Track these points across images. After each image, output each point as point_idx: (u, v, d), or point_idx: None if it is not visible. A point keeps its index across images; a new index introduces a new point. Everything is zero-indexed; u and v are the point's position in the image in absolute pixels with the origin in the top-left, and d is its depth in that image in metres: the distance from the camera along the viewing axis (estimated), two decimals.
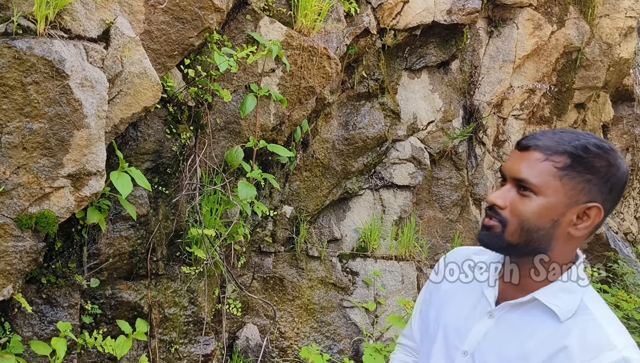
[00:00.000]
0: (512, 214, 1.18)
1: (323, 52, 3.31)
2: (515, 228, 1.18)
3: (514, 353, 1.19)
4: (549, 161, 1.15)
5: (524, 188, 1.17)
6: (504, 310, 1.25)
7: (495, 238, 1.21)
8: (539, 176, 1.15)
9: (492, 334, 1.24)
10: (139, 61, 2.44)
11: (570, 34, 4.78)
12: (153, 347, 2.87)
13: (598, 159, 1.14)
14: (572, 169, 1.14)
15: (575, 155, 1.14)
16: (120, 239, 2.70)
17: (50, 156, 2.17)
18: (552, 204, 1.15)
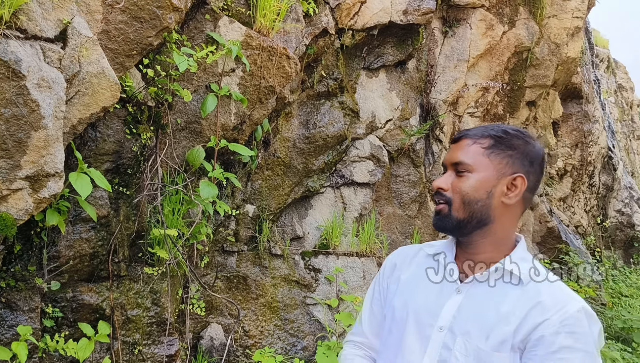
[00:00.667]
0: (454, 193, 1.40)
1: (282, 52, 3.34)
2: (459, 204, 1.39)
3: (493, 317, 1.34)
4: (476, 144, 1.40)
5: (461, 170, 1.40)
6: (470, 284, 1.41)
7: (446, 218, 1.41)
8: (471, 156, 1.40)
9: (467, 306, 1.38)
10: (97, 61, 2.42)
11: (521, 34, 4.94)
12: (116, 349, 2.84)
13: (516, 139, 1.40)
14: (495, 147, 1.39)
15: (497, 136, 1.40)
16: (81, 241, 2.67)
17: (7, 157, 2.14)
18: (485, 177, 1.39)
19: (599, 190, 8.13)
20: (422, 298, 1.46)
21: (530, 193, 1.43)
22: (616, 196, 8.65)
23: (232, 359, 3.71)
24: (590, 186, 7.87)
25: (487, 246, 1.43)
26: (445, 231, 1.45)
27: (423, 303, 1.45)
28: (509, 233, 1.43)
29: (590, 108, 7.36)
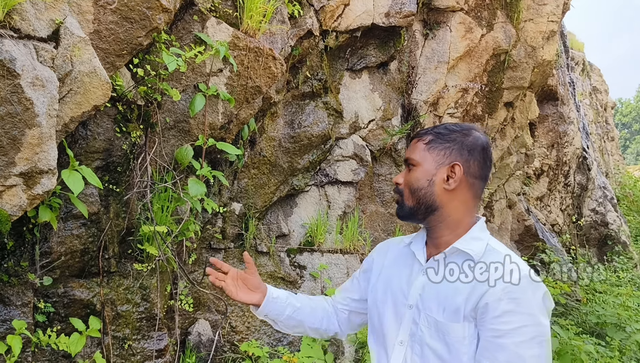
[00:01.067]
0: (404, 185, 1.64)
1: (268, 53, 3.42)
2: (408, 194, 1.63)
3: (449, 293, 1.52)
4: (420, 141, 1.64)
5: (410, 165, 1.64)
6: (433, 265, 1.61)
7: (401, 208, 1.66)
8: (416, 152, 1.63)
9: (428, 286, 1.58)
10: (89, 60, 2.47)
11: (499, 37, 5.08)
12: (107, 344, 2.89)
13: (453, 133, 1.61)
14: (434, 142, 1.62)
15: (436, 133, 1.63)
16: (72, 237, 2.72)
17: (1, 154, 2.18)
18: (425, 168, 1.60)
19: (574, 190, 8.33)
20: (397, 281, 1.67)
21: (476, 178, 1.61)
22: (590, 196, 8.87)
23: (219, 354, 3.77)
24: (565, 186, 8.07)
25: (443, 230, 1.62)
26: (403, 219, 1.68)
27: (398, 285, 1.66)
28: (462, 216, 1.60)
29: (566, 110, 7.56)
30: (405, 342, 1.60)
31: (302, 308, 1.87)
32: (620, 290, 6.93)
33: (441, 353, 1.52)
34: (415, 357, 1.57)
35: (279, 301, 1.83)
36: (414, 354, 1.57)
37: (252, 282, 1.81)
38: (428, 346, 1.54)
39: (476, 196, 1.63)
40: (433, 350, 1.53)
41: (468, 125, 1.66)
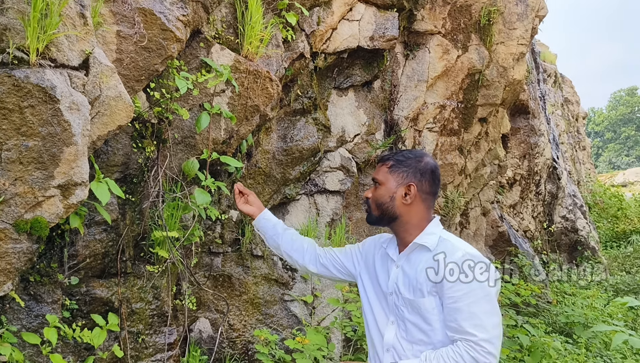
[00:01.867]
0: (372, 200, 2.15)
1: (266, 75, 3.78)
2: (374, 206, 2.14)
3: (413, 278, 2.04)
4: (384, 165, 2.15)
5: (376, 183, 2.15)
6: (402, 259, 2.13)
7: (369, 217, 2.20)
8: (380, 174, 2.14)
9: (401, 274, 2.10)
10: (115, 86, 2.82)
11: (473, 58, 5.51)
12: (123, 338, 3.21)
13: (409, 159, 2.13)
14: (395, 167, 2.12)
15: (396, 159, 2.14)
16: (95, 241, 3.04)
17: (43, 169, 2.52)
18: (387, 187, 2.11)
19: (545, 198, 8.82)
20: (381, 276, 2.21)
21: (427, 194, 2.12)
22: (561, 204, 9.37)
23: (218, 350, 4.10)
24: (537, 194, 8.55)
25: (405, 232, 2.12)
26: (371, 224, 2.23)
27: (382, 279, 2.20)
28: (418, 221, 2.10)
29: (537, 123, 8.04)
30: (395, 321, 2.11)
31: (283, 236, 2.53)
32: (588, 292, 7.40)
33: (419, 324, 2.02)
34: (401, 331, 2.08)
35: (268, 223, 2.57)
36: (401, 329, 2.08)
37: (252, 200, 2.65)
38: (409, 321, 2.04)
39: (429, 207, 2.13)
40: (413, 323, 2.03)
41: (420, 152, 2.20)
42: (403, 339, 2.07)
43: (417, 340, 2.03)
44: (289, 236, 2.56)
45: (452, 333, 1.92)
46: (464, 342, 1.86)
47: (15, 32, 2.49)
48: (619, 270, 10.45)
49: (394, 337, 2.09)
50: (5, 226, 2.44)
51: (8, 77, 2.37)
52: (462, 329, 1.87)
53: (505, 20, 5.75)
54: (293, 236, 2.57)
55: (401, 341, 2.07)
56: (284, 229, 2.58)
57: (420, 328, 2.01)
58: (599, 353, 6.29)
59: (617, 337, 3.05)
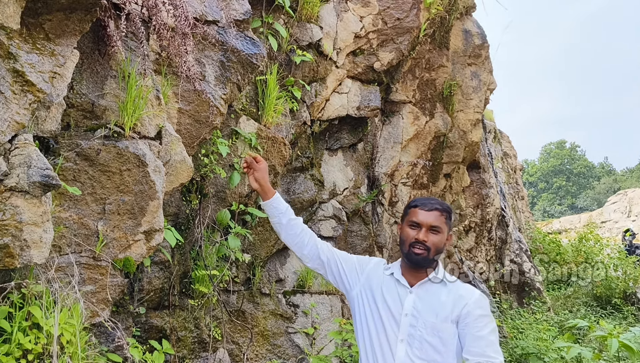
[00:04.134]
0: (432, 244, 2.37)
1: (281, 140, 4.58)
2: (434, 251, 2.38)
3: (437, 303, 2.37)
4: (442, 215, 2.41)
5: (435, 230, 2.37)
6: (419, 286, 2.42)
7: (426, 259, 2.39)
8: (440, 222, 2.39)
9: (421, 299, 2.40)
10: (180, 152, 3.54)
11: (439, 124, 6.49)
12: (173, 360, 3.82)
13: (452, 213, 2.49)
14: (448, 218, 2.43)
15: (448, 212, 2.44)
16: (155, 278, 3.69)
17: (133, 218, 3.19)
18: (444, 235, 2.41)
19: (496, 243, 9.83)
20: (390, 298, 2.44)
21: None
22: (509, 248, 10.40)
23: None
24: (489, 240, 9.54)
25: (428, 269, 2.43)
26: (421, 266, 2.41)
27: (392, 301, 2.43)
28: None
29: (487, 176, 9.11)
30: (405, 340, 2.33)
31: (285, 225, 2.73)
32: (539, 327, 8.32)
33: (437, 345, 2.30)
34: (415, 350, 2.31)
35: (274, 211, 2.77)
36: (414, 348, 2.31)
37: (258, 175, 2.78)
38: (427, 341, 2.30)
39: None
40: (430, 343, 2.30)
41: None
42: (416, 357, 2.28)
43: (431, 359, 2.28)
44: (292, 229, 2.73)
45: (475, 357, 2.24)
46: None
47: (111, 111, 3.21)
48: (562, 309, 11.52)
49: (405, 355, 2.30)
50: (107, 264, 3.09)
51: (114, 147, 3.08)
52: (486, 353, 2.23)
53: (463, 92, 6.81)
54: (296, 229, 2.73)
55: (414, 359, 2.29)
56: (288, 220, 2.75)
57: (436, 349, 2.29)
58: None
59: (572, 350, 3.87)
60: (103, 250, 3.08)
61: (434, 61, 6.34)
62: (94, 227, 3.06)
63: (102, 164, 3.06)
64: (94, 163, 3.04)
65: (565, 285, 13.47)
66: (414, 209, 2.45)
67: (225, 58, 4.07)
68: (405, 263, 2.49)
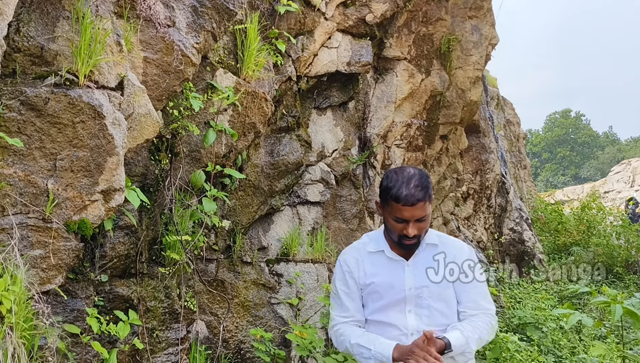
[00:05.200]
0: (420, 231, 2.33)
1: (262, 95, 4.23)
2: (423, 235, 2.39)
3: (434, 272, 2.41)
4: (426, 203, 2.30)
5: (422, 219, 2.31)
6: (414, 258, 2.44)
7: (416, 246, 2.40)
8: (425, 210, 2.31)
9: (420, 269, 2.43)
10: (145, 105, 3.21)
11: (435, 82, 6.12)
12: (140, 332, 3.55)
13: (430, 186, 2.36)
14: (430, 199, 2.32)
15: (428, 191, 2.31)
16: (119, 244, 3.38)
17: (89, 176, 2.87)
18: (430, 216, 2.35)
19: (495, 211, 9.53)
20: (386, 275, 2.45)
21: None
22: (509, 216, 10.11)
23: (214, 349, 4.45)
24: (488, 207, 9.24)
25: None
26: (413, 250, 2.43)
27: (389, 278, 2.44)
28: None
29: (487, 141, 8.76)
30: (413, 310, 2.40)
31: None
32: (537, 295, 8.07)
33: (444, 310, 2.39)
34: (424, 318, 2.38)
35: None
36: (423, 316, 2.39)
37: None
38: (434, 308, 2.39)
39: None
40: (438, 310, 2.39)
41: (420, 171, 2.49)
42: (427, 325, 2.33)
43: (439, 324, 2.36)
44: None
45: (472, 310, 2.40)
46: (483, 314, 2.41)
47: (64, 57, 2.87)
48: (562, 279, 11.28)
49: (415, 324, 2.36)
50: (58, 226, 2.78)
51: (64, 96, 2.75)
52: (482, 305, 2.42)
53: (462, 47, 6.42)
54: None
55: (425, 326, 2.32)
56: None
57: (443, 314, 2.39)
58: (548, 350, 6.92)
59: (572, 317, 3.61)
60: (54, 211, 2.78)
61: (432, 13, 5.95)
62: (43, 185, 2.75)
63: (52, 115, 2.74)
64: (42, 113, 2.72)
65: (567, 255, 13.22)
66: (397, 205, 2.30)
67: (198, 3, 3.71)
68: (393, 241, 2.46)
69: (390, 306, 2.42)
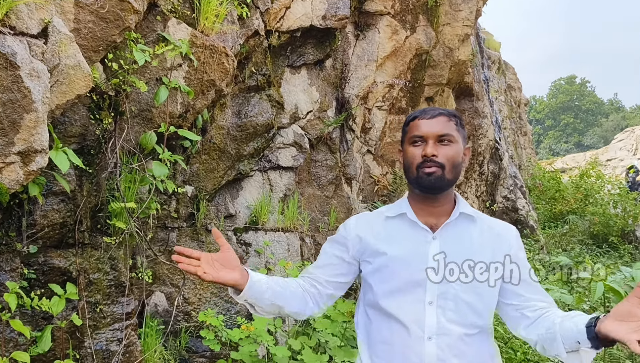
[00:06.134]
0: (446, 160, 1.75)
1: (222, 50, 3.85)
2: (450, 167, 1.76)
3: (470, 247, 1.79)
4: (451, 121, 1.80)
5: (445, 140, 1.77)
6: (444, 228, 1.81)
7: (441, 179, 1.76)
8: (452, 130, 1.79)
9: (450, 246, 1.79)
10: (74, 55, 2.84)
11: (421, 39, 5.71)
12: (81, 307, 3.25)
13: (462, 120, 1.87)
14: (458, 125, 1.82)
15: (457, 117, 1.84)
16: (53, 211, 3.06)
17: (3, 135, 2.53)
18: (459, 147, 1.80)
19: (487, 178, 9.19)
20: (403, 250, 1.80)
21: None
22: (502, 184, 9.78)
23: (174, 323, 4.17)
24: (480, 174, 8.90)
25: (444, 200, 1.83)
26: (439, 191, 1.80)
27: (406, 253, 1.79)
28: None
29: (480, 105, 8.36)
30: (434, 302, 1.74)
31: (282, 293, 1.86)
32: None
33: (475, 304, 1.74)
34: (449, 312, 1.73)
35: (260, 285, 1.80)
36: (448, 310, 1.73)
37: (228, 259, 1.75)
38: (463, 301, 1.73)
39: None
40: (467, 302, 1.74)
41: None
42: (451, 322, 1.73)
43: (469, 323, 1.75)
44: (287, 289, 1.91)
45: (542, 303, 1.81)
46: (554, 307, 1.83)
47: None
48: (556, 248, 11.02)
49: (436, 321, 1.73)
50: None
51: None
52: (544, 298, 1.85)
53: (451, 2, 5.97)
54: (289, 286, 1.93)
55: (448, 325, 1.73)
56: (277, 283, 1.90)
57: (474, 309, 1.75)
58: None
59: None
60: None
61: None
62: None
63: None
64: None
65: (562, 223, 12.93)
66: (413, 121, 1.84)
67: None
68: (417, 197, 1.87)
69: (405, 292, 1.77)
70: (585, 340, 1.55)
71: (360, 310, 1.96)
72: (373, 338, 1.85)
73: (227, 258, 1.75)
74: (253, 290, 1.76)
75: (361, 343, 1.92)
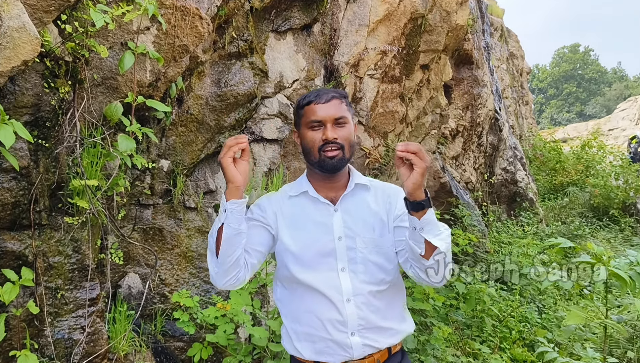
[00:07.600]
0: (344, 140, 1.95)
1: (195, 12, 3.52)
2: (348, 148, 1.97)
3: (367, 213, 2.02)
4: (342, 102, 1.97)
5: (340, 122, 1.94)
6: (343, 201, 2.03)
7: (342, 161, 1.96)
8: (345, 111, 1.97)
9: (351, 215, 2.02)
10: (18, 16, 2.52)
11: (416, 2, 5.34)
12: (40, 294, 3.00)
13: (348, 97, 2.05)
14: (348, 105, 2.02)
15: (346, 96, 2.03)
16: (3, 190, 2.78)
17: None
18: (351, 125, 2.00)
19: (486, 149, 8.89)
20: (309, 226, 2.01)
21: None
22: (502, 155, 9.49)
23: (149, 305, 3.93)
24: (479, 146, 8.59)
25: (341, 175, 2.04)
26: (338, 171, 2.01)
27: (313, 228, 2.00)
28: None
29: (480, 73, 8.01)
30: (346, 267, 1.97)
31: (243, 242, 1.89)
32: (523, 241, 7.58)
33: (382, 263, 1.98)
34: (360, 275, 1.96)
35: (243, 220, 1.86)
36: (359, 273, 1.96)
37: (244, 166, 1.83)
38: (371, 262, 1.97)
39: None
40: (375, 263, 1.97)
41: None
42: (364, 283, 1.96)
43: (378, 281, 1.98)
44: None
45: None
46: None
47: None
48: (555, 221, 10.79)
49: (351, 286, 1.94)
50: None
51: None
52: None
53: None
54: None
55: (362, 286, 1.95)
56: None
57: (382, 268, 1.98)
58: (532, 299, 6.49)
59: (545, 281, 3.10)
60: None
61: None
62: None
63: None
64: None
65: (562, 195, 12.68)
66: (309, 106, 1.99)
67: None
68: (317, 175, 2.06)
69: (318, 264, 1.97)
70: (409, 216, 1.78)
71: (278, 286, 2.14)
72: (297, 309, 2.03)
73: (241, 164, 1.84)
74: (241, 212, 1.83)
75: (286, 315, 2.08)
